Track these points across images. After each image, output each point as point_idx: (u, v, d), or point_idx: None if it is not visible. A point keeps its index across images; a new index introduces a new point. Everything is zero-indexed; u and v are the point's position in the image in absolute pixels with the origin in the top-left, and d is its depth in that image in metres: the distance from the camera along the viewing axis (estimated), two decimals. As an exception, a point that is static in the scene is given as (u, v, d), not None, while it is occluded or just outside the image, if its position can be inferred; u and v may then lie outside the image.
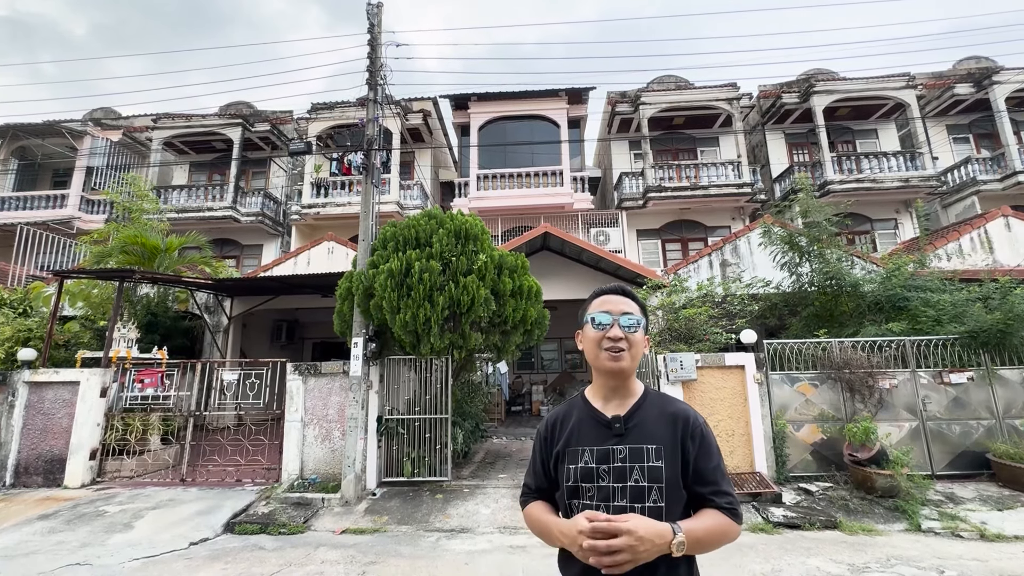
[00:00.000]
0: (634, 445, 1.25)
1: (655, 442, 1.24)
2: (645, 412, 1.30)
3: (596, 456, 1.26)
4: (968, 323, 6.39)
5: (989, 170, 14.01)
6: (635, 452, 1.24)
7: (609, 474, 1.24)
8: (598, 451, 1.27)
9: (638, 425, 1.28)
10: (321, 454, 6.59)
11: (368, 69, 7.08)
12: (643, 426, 1.27)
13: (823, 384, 6.49)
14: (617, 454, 1.25)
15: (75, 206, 14.86)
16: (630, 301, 1.37)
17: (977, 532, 4.71)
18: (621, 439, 1.26)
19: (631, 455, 1.24)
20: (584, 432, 1.32)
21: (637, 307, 1.36)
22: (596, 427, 1.31)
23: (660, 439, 1.24)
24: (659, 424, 1.27)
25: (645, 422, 1.28)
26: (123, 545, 4.72)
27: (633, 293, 1.41)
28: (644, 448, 1.24)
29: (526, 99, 14.84)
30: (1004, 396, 6.33)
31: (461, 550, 4.62)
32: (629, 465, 1.23)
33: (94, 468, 6.82)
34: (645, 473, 1.21)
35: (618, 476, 1.23)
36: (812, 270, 7.89)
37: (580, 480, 1.26)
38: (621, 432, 1.27)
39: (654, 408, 1.31)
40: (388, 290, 6.01)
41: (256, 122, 15.45)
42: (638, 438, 1.26)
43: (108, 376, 7.13)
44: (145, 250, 9.62)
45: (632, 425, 1.28)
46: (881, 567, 4.01)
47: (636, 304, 1.37)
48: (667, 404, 1.33)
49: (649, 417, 1.29)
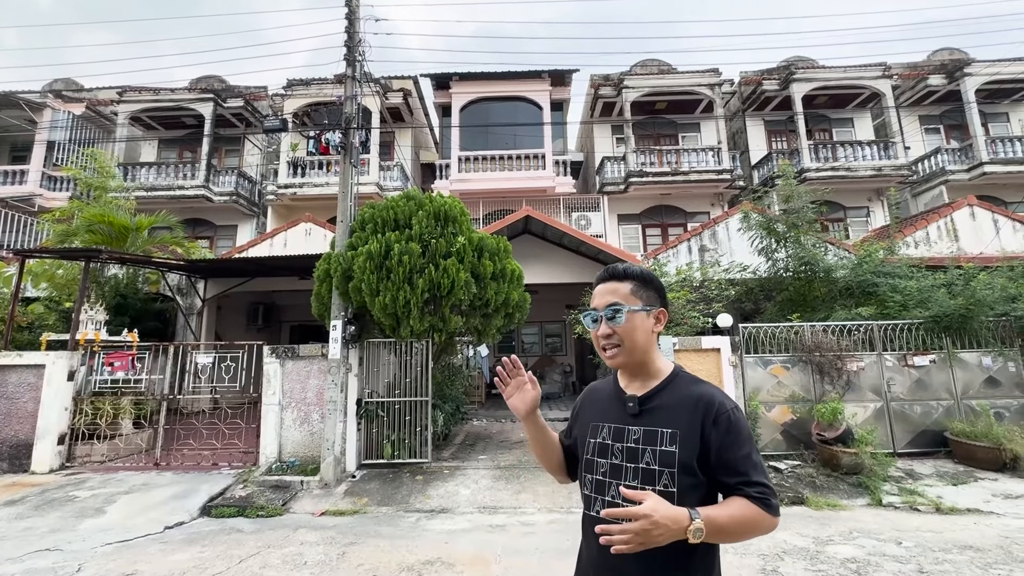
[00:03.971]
0: (649, 427, 1.22)
1: (671, 426, 1.20)
2: (667, 395, 1.25)
3: (612, 433, 1.27)
4: (932, 308, 6.64)
5: (957, 160, 14.41)
6: (649, 434, 1.21)
7: (622, 452, 1.23)
8: (615, 428, 1.27)
9: (657, 408, 1.24)
10: (300, 437, 6.55)
11: (346, 44, 6.86)
12: (662, 409, 1.24)
13: (795, 367, 6.69)
14: (631, 434, 1.24)
15: (36, 182, 14.18)
16: (618, 285, 1.29)
17: (933, 506, 4.96)
18: (636, 419, 1.25)
19: (645, 437, 1.22)
20: (609, 408, 1.32)
21: (628, 287, 1.28)
22: (618, 404, 1.31)
23: (678, 423, 1.20)
24: (680, 408, 1.22)
25: (665, 405, 1.24)
26: (95, 530, 4.63)
27: (625, 271, 1.32)
28: (659, 432, 1.20)
29: (509, 80, 14.63)
30: (963, 378, 6.64)
31: (441, 529, 4.67)
32: (642, 447, 1.21)
33: (63, 453, 6.64)
34: (657, 456, 1.18)
35: (630, 456, 1.22)
36: (788, 256, 8.07)
37: (596, 455, 1.27)
38: (636, 412, 1.26)
39: (678, 391, 1.25)
40: (367, 272, 5.93)
41: (229, 98, 14.90)
42: (654, 421, 1.23)
43: (75, 359, 6.91)
44: (113, 229, 9.26)
45: (650, 407, 1.25)
46: (844, 539, 4.20)
47: (628, 284, 1.29)
48: (693, 387, 1.26)
49: (670, 400, 1.24)
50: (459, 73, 14.59)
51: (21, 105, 14.39)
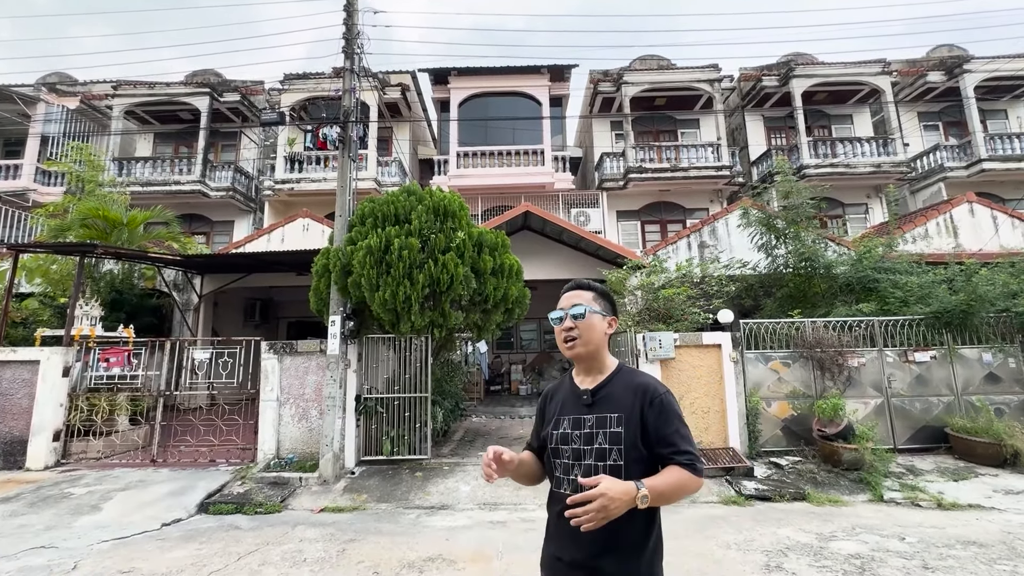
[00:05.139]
0: (600, 414, 1.44)
1: (617, 411, 1.43)
2: (613, 386, 1.49)
3: (571, 423, 1.48)
4: (933, 304, 6.62)
5: (956, 157, 14.40)
6: (600, 420, 1.43)
7: (580, 438, 1.44)
8: (573, 419, 1.48)
9: (605, 397, 1.47)
10: (298, 433, 6.50)
11: (344, 36, 6.77)
12: (609, 398, 1.47)
13: (795, 363, 6.67)
14: (586, 422, 1.45)
15: (30, 177, 14.07)
16: (582, 293, 1.55)
17: (935, 502, 4.95)
18: (590, 408, 1.47)
19: (597, 422, 1.43)
20: (566, 403, 1.55)
21: (591, 296, 1.54)
22: (574, 399, 1.53)
23: (622, 408, 1.43)
24: (624, 395, 1.45)
25: (611, 395, 1.47)
26: (91, 527, 4.58)
27: (588, 284, 1.59)
28: (608, 416, 1.43)
29: (508, 75, 14.55)
30: (963, 374, 6.63)
31: (441, 526, 4.64)
32: (595, 431, 1.42)
33: (58, 450, 6.58)
34: (607, 437, 1.40)
35: (587, 440, 1.43)
36: (788, 252, 8.04)
37: (559, 443, 1.48)
38: (589, 403, 1.48)
39: (621, 382, 1.49)
40: (367, 267, 5.87)
41: (225, 91, 14.77)
42: (603, 408, 1.45)
43: (70, 355, 6.83)
44: (107, 224, 9.17)
45: (599, 397, 1.48)
46: (847, 535, 4.19)
47: (591, 293, 1.55)
48: (634, 378, 1.51)
49: (616, 390, 1.48)
50: (457, 68, 14.50)
51: (14, 99, 14.23)
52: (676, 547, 3.82)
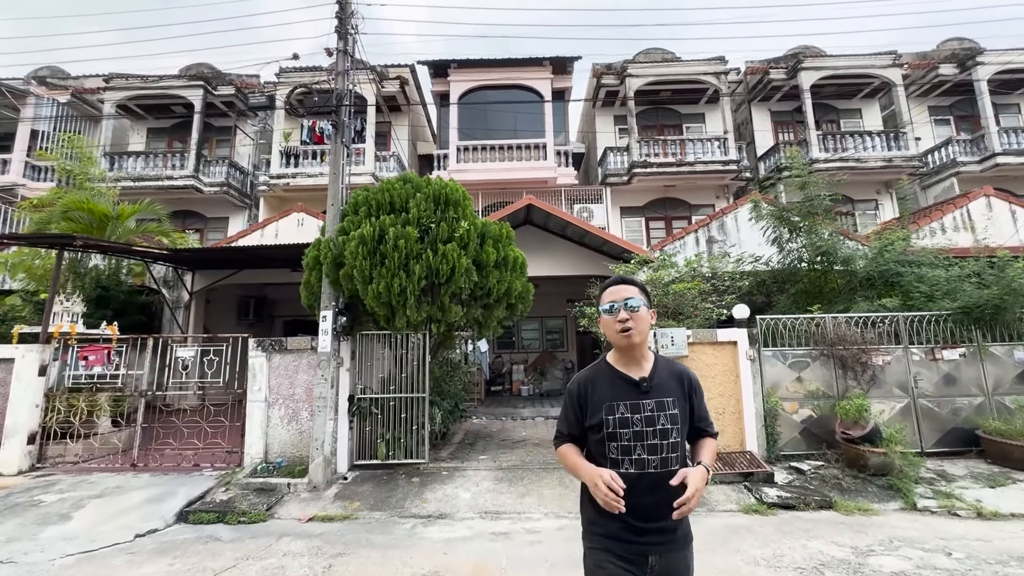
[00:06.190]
0: (658, 399, 1.64)
1: (671, 395, 1.65)
2: (660, 373, 1.69)
3: (630, 408, 1.63)
4: (961, 299, 6.24)
5: (968, 152, 14.04)
6: (660, 404, 1.63)
7: (641, 421, 1.61)
8: (631, 404, 1.63)
9: (657, 384, 1.66)
10: (287, 436, 6.12)
11: (337, 16, 6.41)
12: (661, 384, 1.67)
13: (815, 361, 6.29)
14: (646, 406, 1.62)
15: (19, 172, 13.69)
16: (630, 287, 1.72)
17: (974, 510, 4.57)
18: (648, 395, 1.64)
19: (657, 406, 1.62)
20: (618, 390, 1.68)
21: (637, 290, 1.71)
22: (627, 386, 1.67)
23: (674, 392, 1.66)
24: (671, 381, 1.68)
25: (662, 381, 1.67)
26: (57, 539, 4.20)
27: (633, 280, 1.76)
28: (665, 400, 1.64)
29: (509, 67, 14.18)
30: (994, 373, 6.25)
31: (439, 538, 4.26)
32: (656, 413, 1.61)
33: (33, 453, 6.20)
34: (669, 418, 1.61)
35: (648, 422, 1.61)
36: (803, 245, 7.66)
37: (618, 427, 1.62)
38: (647, 389, 1.65)
39: (666, 369, 1.71)
40: (359, 258, 5.49)
41: (219, 85, 14.39)
42: (659, 393, 1.65)
43: (48, 353, 6.46)
44: (93, 217, 8.81)
45: (654, 384, 1.66)
46: (885, 549, 3.80)
47: (636, 288, 1.72)
48: (672, 366, 1.76)
49: (663, 377, 1.68)
50: (457, 60, 14.14)
51: (3, 92, 13.86)
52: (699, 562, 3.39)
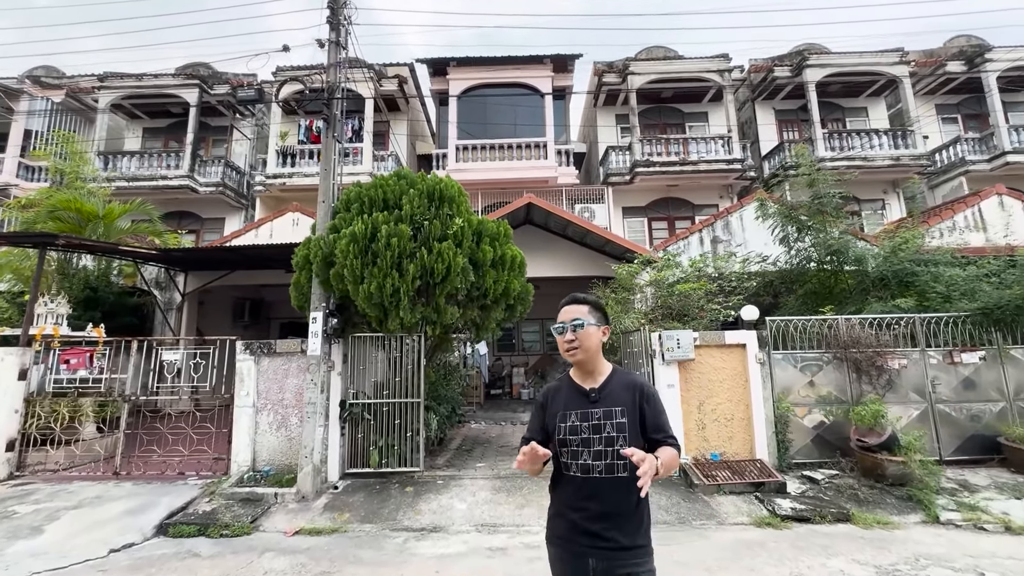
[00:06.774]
0: (605, 408, 1.71)
1: (620, 405, 1.71)
2: (612, 385, 1.77)
3: (579, 416, 1.72)
4: (981, 299, 5.97)
5: (977, 150, 13.79)
6: (607, 413, 1.70)
7: (589, 428, 1.69)
8: (580, 413, 1.73)
9: (607, 394, 1.74)
10: (276, 443, 5.86)
11: (329, 6, 6.17)
12: (611, 395, 1.74)
13: (828, 364, 6.02)
14: (594, 415, 1.71)
15: (11, 172, 13.50)
16: (580, 307, 1.79)
17: (1002, 524, 4.29)
18: (596, 404, 1.73)
19: (604, 415, 1.70)
20: (571, 400, 1.77)
21: (587, 309, 1.79)
22: (579, 397, 1.77)
23: (623, 403, 1.72)
24: (623, 392, 1.74)
25: (613, 392, 1.75)
26: (25, 554, 3.95)
27: (585, 298, 1.84)
28: (613, 410, 1.70)
29: (509, 65, 13.95)
30: (1015, 377, 5.97)
31: (432, 554, 3.99)
32: (603, 422, 1.69)
33: (12, 461, 5.95)
34: (615, 427, 1.68)
35: (595, 430, 1.69)
36: (812, 244, 7.40)
37: (568, 434, 1.71)
38: (596, 399, 1.74)
39: (619, 382, 1.78)
40: (350, 257, 5.24)
41: (215, 84, 14.18)
42: (608, 403, 1.72)
43: (28, 356, 6.22)
44: (81, 217, 8.59)
45: (604, 395, 1.75)
46: (912, 568, 3.53)
47: (587, 306, 1.80)
48: (627, 377, 1.82)
49: (615, 388, 1.76)
50: (456, 58, 13.92)
51: (-4, 91, 13.68)
52: (711, 585, 3.18)
